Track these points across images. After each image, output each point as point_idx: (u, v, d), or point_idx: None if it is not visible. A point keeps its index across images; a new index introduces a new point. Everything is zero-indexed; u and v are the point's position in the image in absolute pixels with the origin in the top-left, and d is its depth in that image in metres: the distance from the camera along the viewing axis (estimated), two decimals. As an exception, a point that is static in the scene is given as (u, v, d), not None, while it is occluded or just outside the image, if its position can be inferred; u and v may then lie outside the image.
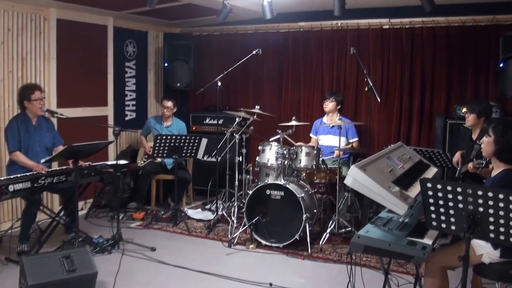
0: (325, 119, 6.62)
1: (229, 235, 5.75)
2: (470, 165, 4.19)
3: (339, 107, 6.56)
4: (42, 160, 5.16)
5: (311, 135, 6.74)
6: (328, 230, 5.56)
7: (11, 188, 4.47)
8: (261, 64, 7.66)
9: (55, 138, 5.51)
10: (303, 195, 5.44)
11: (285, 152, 5.81)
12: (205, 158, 7.41)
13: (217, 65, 7.76)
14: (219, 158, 6.48)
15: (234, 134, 6.25)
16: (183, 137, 6.17)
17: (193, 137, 6.21)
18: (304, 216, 5.30)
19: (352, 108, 6.96)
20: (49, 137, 5.42)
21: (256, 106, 6.29)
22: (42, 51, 6.32)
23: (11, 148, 5.13)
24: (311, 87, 7.33)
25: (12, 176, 4.72)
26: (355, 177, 3.31)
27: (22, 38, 6.07)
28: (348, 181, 3.36)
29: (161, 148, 6.14)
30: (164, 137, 6.13)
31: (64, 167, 5.24)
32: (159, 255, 5.21)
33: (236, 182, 6.19)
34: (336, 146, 5.92)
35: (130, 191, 6.99)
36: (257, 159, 6.03)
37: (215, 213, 6.37)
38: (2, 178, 4.67)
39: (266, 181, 5.66)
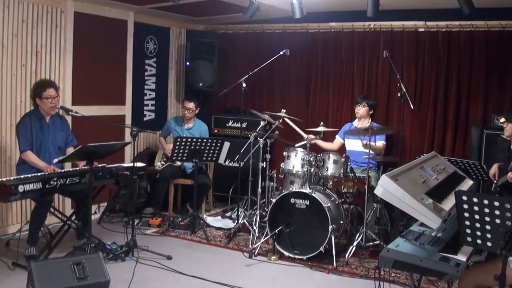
0: (355, 123, 6.60)
1: (250, 245, 5.75)
2: (510, 174, 4.14)
3: (371, 112, 6.53)
4: (55, 160, 5.22)
5: (337, 136, 6.70)
6: (355, 243, 5.52)
7: (21, 188, 4.48)
8: (288, 66, 7.66)
9: (68, 137, 5.55)
10: (329, 205, 5.42)
11: (311, 159, 5.80)
12: (226, 163, 7.47)
13: (242, 65, 7.80)
14: (242, 164, 6.47)
15: (258, 139, 6.25)
16: (205, 140, 6.19)
17: (215, 141, 6.22)
18: (330, 227, 5.28)
19: (384, 114, 6.91)
20: (63, 136, 5.46)
21: (282, 110, 6.29)
22: (58, 45, 6.38)
23: (22, 148, 5.15)
24: (341, 91, 7.30)
25: (22, 176, 4.76)
26: (386, 187, 3.30)
27: (37, 30, 6.13)
28: (378, 191, 3.35)
29: (181, 151, 6.16)
30: (184, 140, 6.15)
31: (77, 168, 5.29)
32: (176, 264, 5.21)
33: (259, 189, 6.18)
34: (365, 153, 5.89)
35: (147, 196, 7.03)
36: (281, 165, 6.03)
37: (236, 222, 6.38)
38: (12, 178, 4.71)
39: (290, 189, 5.66)
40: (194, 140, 6.18)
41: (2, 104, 5.89)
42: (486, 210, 2.83)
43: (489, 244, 2.89)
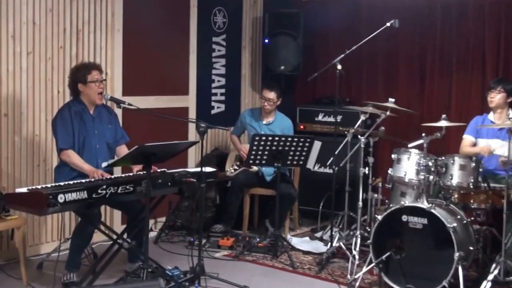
0: (491, 116, 6.34)
1: (348, 276, 5.69)
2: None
3: (510, 99, 6.27)
4: (104, 164, 5.29)
5: (465, 135, 6.49)
6: (490, 277, 5.30)
7: (61, 198, 4.50)
8: (396, 42, 7.59)
9: (119, 133, 5.61)
10: (454, 224, 5.28)
11: (430, 163, 5.65)
12: (316, 169, 7.40)
13: (335, 42, 7.79)
14: (336, 169, 6.38)
15: (359, 137, 6.17)
16: (289, 139, 6.15)
17: (302, 139, 6.18)
18: (456, 254, 5.13)
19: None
20: (112, 130, 5.55)
21: (390, 99, 6.16)
22: (103, 22, 6.48)
23: (62, 145, 5.24)
24: (468, 74, 7.19)
25: (62, 183, 4.82)
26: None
27: (77, 4, 6.24)
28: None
29: (259, 152, 6.14)
30: (263, 138, 6.12)
31: (131, 174, 5.33)
32: (253, 296, 5.25)
33: (360, 203, 6.10)
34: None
35: (216, 209, 7.07)
36: (389, 171, 5.94)
37: (329, 244, 6.31)
38: (50, 185, 4.78)
39: (402, 203, 5.58)
40: (276, 138, 6.15)
41: (35, 96, 6.03)
42: None
43: None
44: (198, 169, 5.37)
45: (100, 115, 5.46)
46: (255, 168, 6.84)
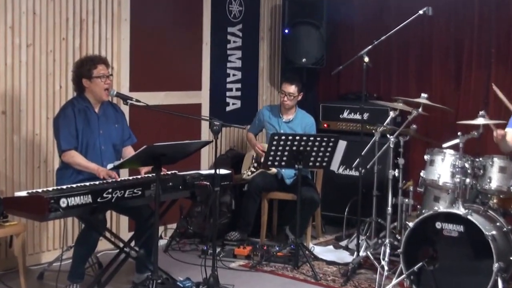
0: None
1: (376, 288, 5.70)
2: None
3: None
4: (109, 166, 5.28)
5: (507, 129, 6.44)
6: (533, 290, 5.35)
7: (63, 203, 4.49)
8: (429, 31, 7.57)
9: (125, 133, 5.65)
10: (493, 232, 5.27)
11: (466, 165, 5.65)
12: (341, 171, 7.42)
13: (362, 32, 7.80)
14: (363, 171, 6.37)
15: (387, 136, 6.18)
16: (311, 138, 6.15)
17: (325, 139, 6.18)
18: (495, 265, 5.11)
19: None
20: (118, 130, 5.56)
21: (422, 95, 6.16)
22: (109, 12, 6.51)
23: (64, 146, 5.24)
24: (508, 67, 7.14)
25: (65, 187, 4.82)
26: None
27: (81, -9, 6.32)
28: None
29: (279, 152, 6.14)
30: (283, 138, 6.12)
31: (139, 176, 5.35)
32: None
33: (389, 209, 6.11)
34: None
35: (231, 215, 7.09)
36: (421, 174, 5.96)
37: (355, 254, 6.32)
38: (51, 189, 4.77)
39: (435, 208, 5.58)
40: (297, 138, 6.15)
41: (35, 91, 6.05)
42: None
43: None
44: (212, 171, 5.36)
45: (105, 114, 5.48)
46: (274, 170, 6.84)
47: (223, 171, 5.57)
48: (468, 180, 5.65)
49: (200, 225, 6.89)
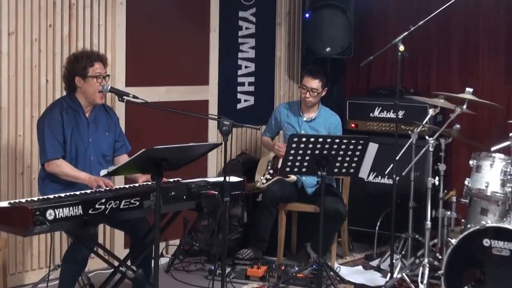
0: None
1: (413, 315, 5.70)
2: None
3: None
4: (102, 172, 5.29)
5: None
6: None
7: (50, 215, 4.43)
8: (475, 15, 7.56)
9: (119, 141, 5.66)
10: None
11: (519, 172, 5.65)
12: (371, 178, 7.44)
13: (396, 16, 7.83)
14: (398, 179, 6.35)
15: (426, 138, 6.18)
16: (337, 140, 6.04)
17: (353, 141, 6.05)
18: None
19: None
20: (109, 139, 5.58)
21: (467, 89, 6.15)
22: (102, -5, 6.53)
23: (51, 155, 5.25)
24: None
25: (52, 196, 4.76)
26: None
27: (69, -28, 6.28)
28: None
29: (298, 157, 6.04)
30: (303, 140, 6.02)
31: (136, 185, 5.34)
32: None
33: (428, 223, 6.11)
34: None
35: (243, 230, 7.09)
36: (466, 182, 5.98)
37: (389, 276, 6.31)
38: (36, 199, 4.75)
39: (482, 222, 5.56)
40: (320, 140, 6.04)
41: (18, 86, 6.02)
42: None
43: None
44: (221, 179, 5.32)
45: (96, 119, 5.48)
46: (293, 177, 6.83)
47: (233, 179, 5.55)
48: (521, 190, 5.66)
49: (207, 242, 6.90)
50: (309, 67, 7.36)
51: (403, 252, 6.68)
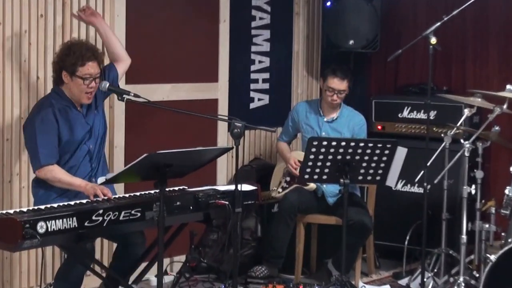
0: None
1: None
2: None
3: None
4: (100, 180, 5.33)
5: None
6: None
7: (41, 227, 4.47)
8: None
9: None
10: None
11: None
12: (399, 187, 7.42)
13: (428, 5, 7.90)
14: (429, 188, 6.31)
15: (461, 141, 6.20)
16: (361, 144, 6.04)
17: (379, 145, 6.05)
18: None
19: None
20: (100, 115, 5.64)
21: (508, 87, 6.15)
22: (99, -18, 6.52)
23: (44, 161, 5.25)
24: None
25: (43, 207, 4.80)
26: None
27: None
28: None
29: (318, 163, 6.04)
30: (324, 143, 6.01)
31: (137, 194, 5.33)
32: None
33: (463, 236, 6.13)
34: None
35: (256, 244, 7.10)
36: (506, 191, 5.99)
37: (420, 295, 6.28)
38: (26, 210, 4.74)
39: None
40: (342, 143, 6.03)
41: (6, 84, 6.02)
42: None
43: None
44: (232, 187, 5.32)
45: (88, 107, 5.53)
46: (312, 185, 6.83)
47: (246, 187, 5.59)
48: None
49: (217, 258, 6.94)
50: (334, 67, 7.24)
51: (435, 270, 6.71)
